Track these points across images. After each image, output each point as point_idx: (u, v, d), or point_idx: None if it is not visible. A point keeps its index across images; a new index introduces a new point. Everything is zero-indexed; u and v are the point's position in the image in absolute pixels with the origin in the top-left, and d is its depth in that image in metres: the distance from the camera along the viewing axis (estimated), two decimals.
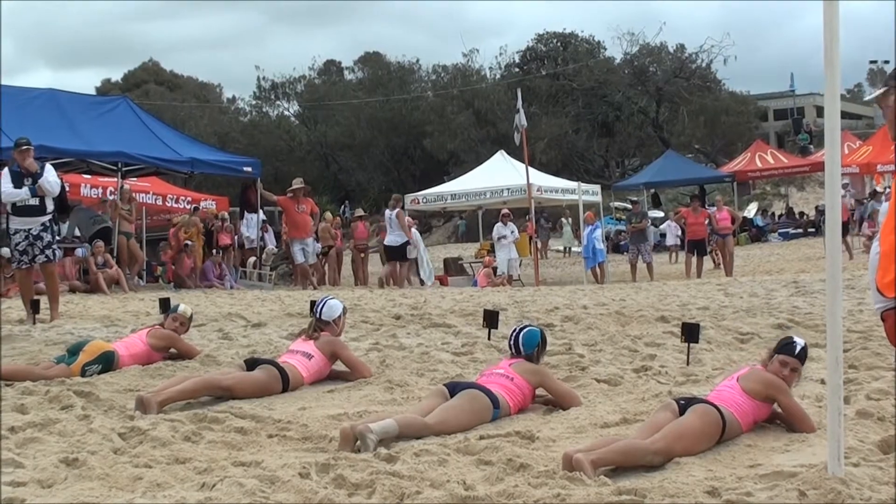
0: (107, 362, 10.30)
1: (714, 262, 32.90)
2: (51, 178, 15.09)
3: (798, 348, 7.37)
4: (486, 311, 12.39)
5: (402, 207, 29.67)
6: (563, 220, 49.75)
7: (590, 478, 5.91)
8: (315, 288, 25.10)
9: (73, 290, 21.70)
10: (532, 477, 6.02)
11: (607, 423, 7.62)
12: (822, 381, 8.48)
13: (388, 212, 29.34)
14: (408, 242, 28.40)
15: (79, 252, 23.97)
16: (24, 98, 23.74)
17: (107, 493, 5.80)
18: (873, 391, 8.14)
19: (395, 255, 28.46)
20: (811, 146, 64.71)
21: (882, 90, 5.00)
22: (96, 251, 23.48)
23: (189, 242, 26.70)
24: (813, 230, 47.04)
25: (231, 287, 25.88)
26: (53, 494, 5.79)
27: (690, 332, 9.98)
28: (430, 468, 6.25)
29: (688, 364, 10.09)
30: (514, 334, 8.67)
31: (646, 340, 12.04)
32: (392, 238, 28.51)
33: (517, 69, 74.58)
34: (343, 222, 35.40)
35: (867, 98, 4.99)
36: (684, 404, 6.88)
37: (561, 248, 50.50)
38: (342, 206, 46.13)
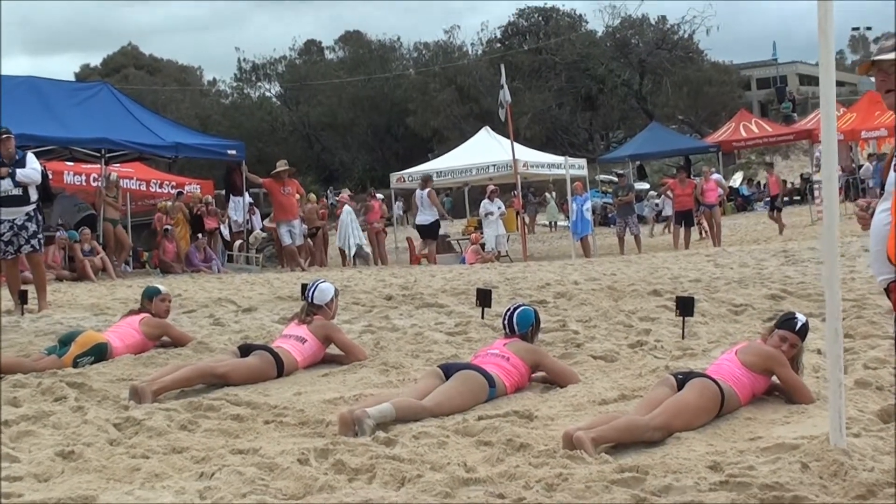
0: (99, 354, 10.21)
1: (701, 233, 32.89)
2: (31, 166, 14.97)
3: (798, 324, 7.35)
4: (479, 290, 12.35)
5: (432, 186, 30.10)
6: (547, 194, 49.71)
7: (591, 456, 5.89)
8: (303, 270, 25.00)
9: (59, 279, 21.58)
10: (533, 456, 5.99)
11: (605, 400, 7.59)
12: (819, 352, 8.47)
13: (418, 191, 29.91)
14: (438, 221, 28.84)
15: (61, 234, 23.77)
16: (5, 87, 23.52)
17: (105, 485, 5.75)
18: (870, 360, 8.13)
19: (428, 233, 29.01)
20: (794, 114, 64.78)
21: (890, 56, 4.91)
22: (83, 239, 23.36)
23: (168, 227, 26.58)
24: (798, 198, 47.07)
25: (218, 271, 25.79)
26: (51, 488, 5.74)
27: (685, 306, 9.95)
28: (429, 451, 6.22)
29: (683, 338, 10.06)
30: (508, 314, 8.63)
31: (640, 315, 12.01)
32: (423, 217, 29.25)
33: (499, 45, 74.49)
34: (329, 209, 35.24)
35: (880, 57, 4.87)
36: (682, 379, 6.86)
37: (546, 222, 50.47)
38: (327, 189, 46.01)
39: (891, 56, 4.84)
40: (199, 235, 27.18)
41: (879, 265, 4.65)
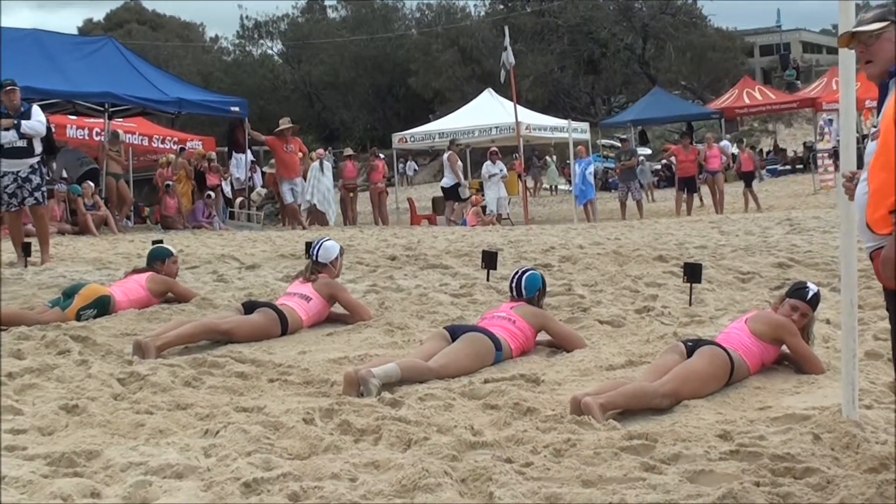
0: (102, 307, 10.17)
1: (701, 200, 32.75)
2: (37, 119, 14.89)
3: (810, 294, 7.31)
4: (484, 252, 12.29)
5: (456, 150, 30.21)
6: (547, 158, 49.60)
7: (599, 422, 5.87)
8: (304, 228, 24.93)
9: (61, 233, 21.51)
10: (540, 421, 5.97)
11: (613, 366, 7.56)
12: (829, 322, 8.43)
13: (445, 154, 30.07)
14: (458, 184, 29.11)
15: (60, 187, 23.66)
16: (9, 39, 23.29)
17: (109, 440, 5.73)
18: (880, 331, 8.07)
19: (449, 195, 29.26)
20: (798, 82, 64.53)
21: (880, 26, 4.90)
22: (84, 193, 23.28)
23: (170, 183, 26.50)
24: (801, 167, 46.94)
25: (219, 228, 25.73)
26: (55, 442, 5.72)
27: (693, 272, 9.89)
28: (436, 413, 6.20)
29: (690, 304, 10.01)
30: (516, 277, 8.60)
31: (646, 280, 11.94)
32: (446, 179, 29.65)
33: (502, 6, 74.02)
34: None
35: (860, 29, 4.87)
36: (692, 346, 6.83)
37: (547, 186, 50.38)
38: (327, 150, 45.87)
39: (870, 27, 4.84)
40: (211, 193, 27.11)
41: (862, 234, 4.69)
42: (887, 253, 4.45)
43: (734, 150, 49.97)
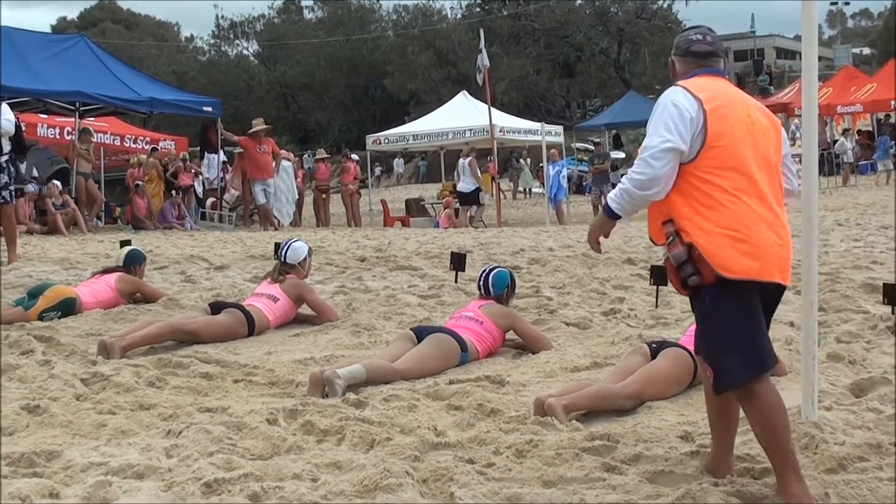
0: (67, 308, 10.12)
1: None
2: (6, 117, 14.77)
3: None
4: (453, 254, 12.29)
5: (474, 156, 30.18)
6: (521, 161, 49.66)
7: (562, 423, 5.87)
8: (276, 229, 24.90)
9: (30, 232, 21.39)
10: (503, 422, 5.97)
11: (578, 367, 7.58)
12: (792, 324, 8.46)
13: (461, 160, 29.97)
14: (479, 189, 29.24)
15: (29, 188, 23.51)
16: None
17: (70, 440, 5.71)
18: (843, 334, 8.14)
19: (468, 200, 29.17)
20: (771, 87, 64.80)
21: None
22: (51, 193, 23.13)
23: (139, 183, 26.41)
24: None
25: (191, 228, 25.66)
26: (15, 442, 5.69)
27: (659, 275, 9.90)
28: (399, 414, 6.20)
29: (657, 307, 10.06)
30: (483, 275, 8.63)
31: (614, 283, 11.98)
32: (464, 185, 29.47)
33: (478, 9, 74.17)
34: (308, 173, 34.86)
35: None
36: (656, 348, 6.85)
37: (521, 188, 50.44)
38: (304, 153, 45.55)
39: None
40: (175, 192, 27.00)
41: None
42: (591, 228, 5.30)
43: None
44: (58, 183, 23.72)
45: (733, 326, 4.64)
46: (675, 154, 4.72)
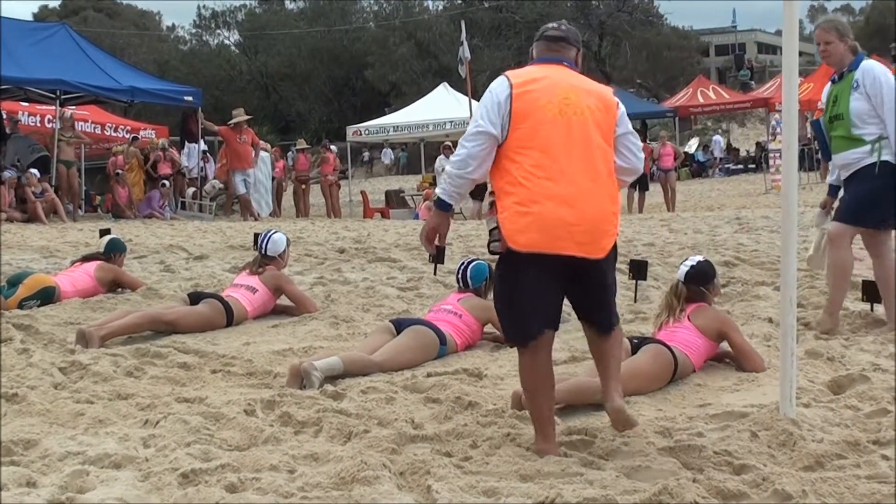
0: (46, 297, 10.12)
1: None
2: None
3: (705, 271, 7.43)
4: None
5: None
6: None
7: None
8: (256, 219, 24.85)
9: (10, 220, 21.30)
10: (481, 415, 5.97)
11: (555, 361, 7.52)
12: (771, 321, 8.47)
13: (441, 158, 30.01)
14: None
15: (6, 174, 23.36)
16: None
17: (48, 429, 5.70)
18: (823, 331, 8.16)
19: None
20: (752, 82, 64.93)
21: None
22: (30, 181, 23.00)
23: (120, 171, 26.32)
24: (753, 166, 47.19)
25: (170, 217, 25.60)
26: None
27: (638, 270, 9.94)
28: (377, 406, 6.20)
29: (635, 301, 10.06)
30: (462, 268, 8.64)
31: None
32: None
33: (460, 1, 74.08)
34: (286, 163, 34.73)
35: None
36: (637, 344, 6.85)
37: None
38: (290, 148, 45.30)
39: None
40: (166, 182, 26.91)
41: None
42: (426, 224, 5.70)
43: (693, 148, 50.19)
44: (35, 171, 23.57)
45: (506, 297, 5.33)
46: (486, 136, 5.21)
